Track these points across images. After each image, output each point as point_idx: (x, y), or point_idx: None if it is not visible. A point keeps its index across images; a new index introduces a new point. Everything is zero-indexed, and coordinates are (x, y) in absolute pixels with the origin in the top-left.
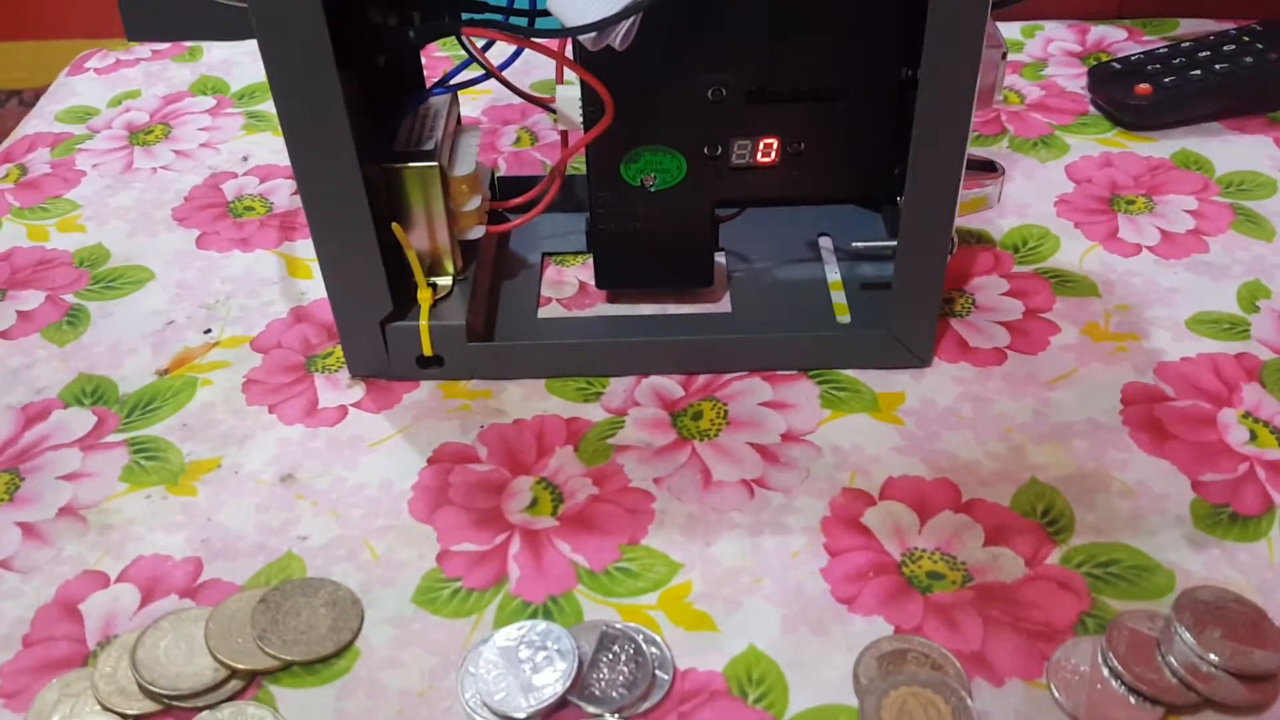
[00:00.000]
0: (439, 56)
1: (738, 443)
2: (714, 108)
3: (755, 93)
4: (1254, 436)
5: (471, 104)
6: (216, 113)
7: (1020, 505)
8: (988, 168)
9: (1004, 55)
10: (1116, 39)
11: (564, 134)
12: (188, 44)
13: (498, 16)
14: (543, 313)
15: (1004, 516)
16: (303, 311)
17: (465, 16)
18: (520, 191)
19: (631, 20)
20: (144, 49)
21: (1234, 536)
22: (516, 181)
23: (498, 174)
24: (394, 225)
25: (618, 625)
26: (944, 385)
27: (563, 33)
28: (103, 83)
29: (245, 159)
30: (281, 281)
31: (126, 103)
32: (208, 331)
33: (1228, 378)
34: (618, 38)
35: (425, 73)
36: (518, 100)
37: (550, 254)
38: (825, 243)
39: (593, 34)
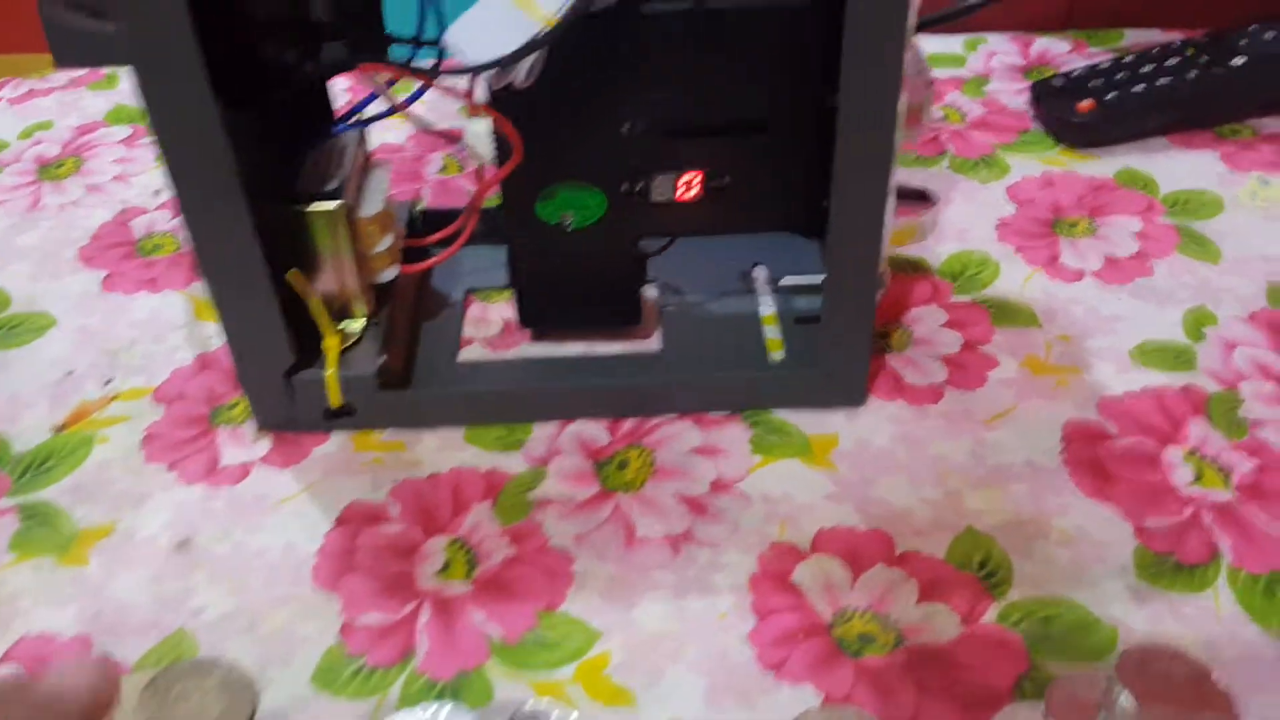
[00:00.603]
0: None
1: (664, 494)
2: (631, 143)
3: (673, 126)
4: (1199, 476)
5: (397, 130)
6: (131, 143)
7: (956, 556)
8: (921, 197)
9: (929, 83)
10: (1060, 52)
11: (479, 168)
12: (105, 70)
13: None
14: (464, 355)
15: (939, 570)
16: (209, 358)
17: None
18: (446, 224)
19: (534, 57)
20: (61, 77)
21: (1179, 587)
22: (440, 215)
23: (419, 207)
24: (290, 274)
25: (529, 705)
26: (879, 426)
27: (463, 70)
28: (14, 114)
29: (157, 193)
30: (189, 325)
31: (38, 134)
32: (108, 382)
33: (1173, 413)
34: (519, 75)
35: (341, 104)
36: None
37: (474, 290)
38: (760, 273)
39: (493, 71)
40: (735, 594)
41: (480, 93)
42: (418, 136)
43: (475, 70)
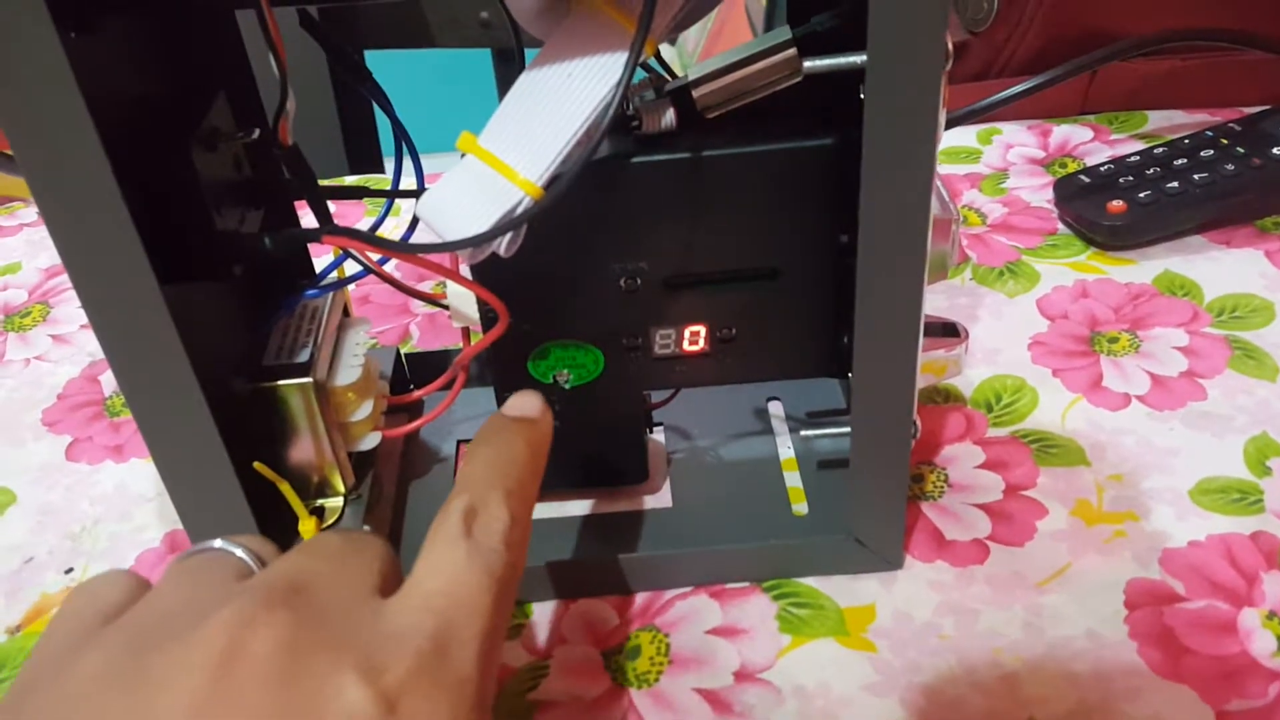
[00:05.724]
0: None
1: (682, 689)
2: (628, 297)
3: (674, 278)
4: None
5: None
6: None
7: None
8: (949, 332)
9: (957, 221)
10: (1082, 140)
11: (465, 330)
12: None
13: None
14: None
15: None
16: (180, 538)
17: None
18: (433, 368)
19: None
20: (30, 212)
21: None
22: (430, 359)
23: (408, 346)
24: (256, 465)
25: None
26: (919, 593)
27: (437, 248)
28: None
29: None
30: (158, 497)
31: (4, 279)
32: (69, 571)
33: (1244, 566)
34: (500, 246)
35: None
36: None
37: (466, 441)
38: (775, 409)
39: (469, 249)
40: None
41: (461, 266)
42: (405, 265)
43: (449, 249)
